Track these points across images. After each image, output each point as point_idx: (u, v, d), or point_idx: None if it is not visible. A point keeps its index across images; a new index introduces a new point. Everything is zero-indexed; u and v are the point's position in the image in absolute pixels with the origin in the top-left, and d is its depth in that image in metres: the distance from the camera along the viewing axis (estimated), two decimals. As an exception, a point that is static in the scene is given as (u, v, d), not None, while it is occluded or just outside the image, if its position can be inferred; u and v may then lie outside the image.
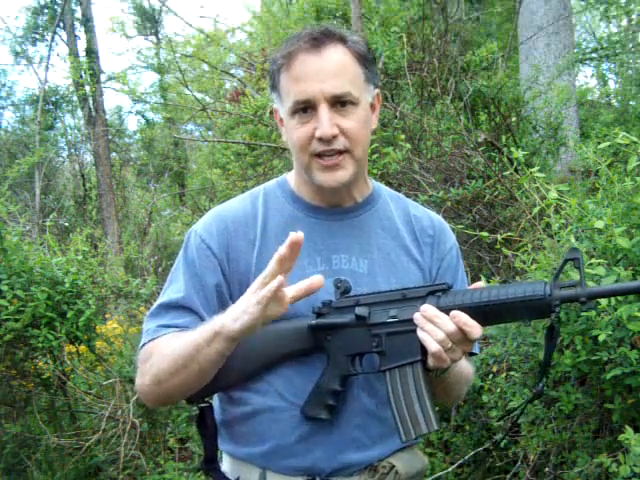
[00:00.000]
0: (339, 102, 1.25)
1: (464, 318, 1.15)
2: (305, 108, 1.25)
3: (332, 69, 1.25)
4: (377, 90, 1.37)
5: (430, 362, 1.19)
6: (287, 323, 1.28)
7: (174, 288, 1.34)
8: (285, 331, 1.29)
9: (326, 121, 1.23)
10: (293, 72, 1.26)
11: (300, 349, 1.28)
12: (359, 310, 1.24)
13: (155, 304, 1.36)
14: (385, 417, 1.31)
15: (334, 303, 1.28)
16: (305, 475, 1.29)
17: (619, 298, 1.96)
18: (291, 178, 1.42)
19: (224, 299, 1.32)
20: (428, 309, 1.17)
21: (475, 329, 1.15)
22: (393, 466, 1.32)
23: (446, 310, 1.17)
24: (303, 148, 1.27)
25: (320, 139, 1.24)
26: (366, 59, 1.31)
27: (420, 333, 1.18)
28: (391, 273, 1.36)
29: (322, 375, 1.27)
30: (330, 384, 1.26)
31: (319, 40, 1.26)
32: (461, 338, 1.15)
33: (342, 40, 1.28)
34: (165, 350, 1.26)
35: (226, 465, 1.39)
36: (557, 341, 1.20)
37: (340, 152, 1.26)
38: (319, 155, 1.26)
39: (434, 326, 1.16)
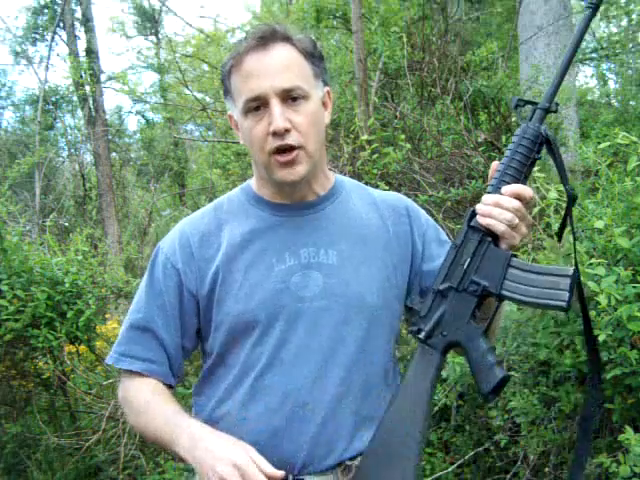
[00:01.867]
0: (290, 97, 1.26)
1: (511, 186, 1.23)
2: (257, 106, 1.27)
3: (280, 64, 1.27)
4: (327, 87, 1.38)
5: (502, 244, 1.25)
6: None
7: (136, 307, 1.38)
8: None
9: (278, 115, 1.24)
10: (242, 71, 1.28)
11: None
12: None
13: (124, 322, 1.40)
14: (355, 407, 1.31)
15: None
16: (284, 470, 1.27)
17: (619, 298, 1.96)
18: (253, 182, 1.43)
19: (192, 312, 1.36)
20: (489, 197, 1.24)
21: (526, 189, 1.22)
22: None
23: None
24: (260, 146, 1.28)
25: (274, 134, 1.25)
26: (313, 56, 1.33)
27: (486, 220, 1.23)
28: (360, 262, 1.36)
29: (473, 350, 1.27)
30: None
31: (265, 38, 1.28)
32: (523, 209, 1.22)
33: (287, 38, 1.30)
34: (133, 414, 1.35)
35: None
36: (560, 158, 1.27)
37: (293, 148, 1.27)
38: (276, 152, 1.27)
39: (500, 209, 1.21)
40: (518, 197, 1.22)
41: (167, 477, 3.27)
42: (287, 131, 1.25)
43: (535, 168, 2.51)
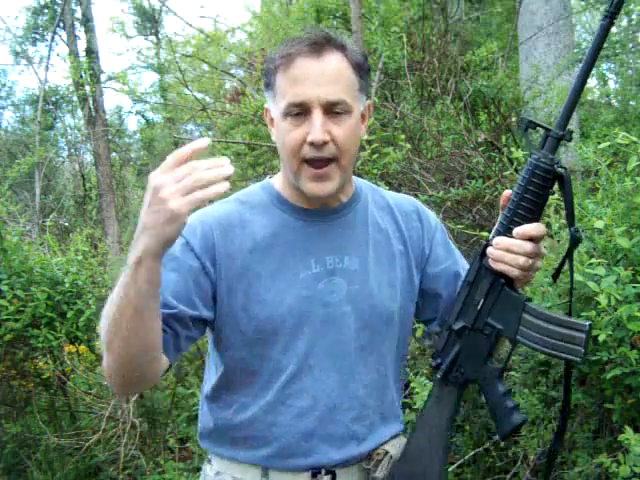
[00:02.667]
0: (333, 109, 1.25)
1: (524, 228, 1.19)
2: (299, 112, 1.25)
3: (330, 75, 1.25)
4: (369, 101, 1.38)
5: (517, 284, 1.25)
6: None
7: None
8: None
9: (319, 126, 1.23)
10: (291, 74, 1.25)
11: None
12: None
13: None
14: (376, 406, 1.37)
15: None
16: (310, 470, 1.32)
17: (619, 298, 1.96)
18: (276, 181, 1.40)
19: (204, 294, 1.28)
20: (500, 241, 1.21)
21: (539, 228, 1.19)
22: (387, 452, 1.36)
23: None
24: (294, 152, 1.26)
25: (311, 144, 1.24)
26: (362, 69, 1.31)
27: (499, 266, 1.21)
28: (378, 268, 1.38)
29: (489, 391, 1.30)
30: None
31: (320, 45, 1.26)
32: (536, 249, 1.20)
33: (342, 48, 1.28)
34: (105, 309, 1.16)
35: (217, 465, 1.39)
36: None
37: (328, 160, 1.26)
38: (309, 161, 1.26)
39: (513, 254, 1.19)
40: (531, 238, 1.19)
41: (167, 477, 3.27)
42: (325, 143, 1.24)
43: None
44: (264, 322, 1.29)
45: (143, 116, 12.79)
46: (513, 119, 4.30)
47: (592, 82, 11.57)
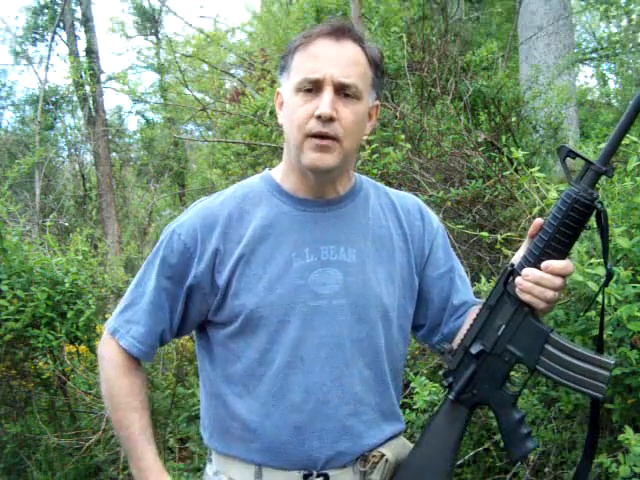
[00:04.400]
0: (344, 92, 1.27)
1: (556, 264, 1.18)
2: (311, 88, 1.27)
3: (347, 58, 1.28)
4: (378, 102, 1.39)
5: (539, 314, 1.25)
6: None
7: (140, 287, 1.40)
8: None
9: (328, 102, 1.25)
10: (309, 51, 1.29)
11: None
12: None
13: (125, 298, 1.44)
14: (375, 403, 1.35)
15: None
16: (302, 469, 1.31)
17: (619, 298, 1.96)
18: (275, 173, 1.42)
19: (199, 302, 1.35)
20: (530, 273, 1.20)
21: (569, 267, 1.19)
22: (383, 455, 1.34)
23: None
24: (300, 126, 1.28)
25: (319, 117, 1.25)
26: (377, 67, 1.34)
27: (526, 297, 1.21)
28: (377, 262, 1.37)
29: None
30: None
31: (340, 31, 1.30)
32: (564, 284, 1.20)
33: (360, 40, 1.32)
34: (117, 415, 1.39)
35: (216, 464, 1.40)
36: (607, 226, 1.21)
37: (331, 137, 1.27)
38: (314, 135, 1.27)
39: (541, 287, 1.19)
40: (560, 274, 1.19)
41: (167, 477, 3.27)
42: (331, 120, 1.26)
43: (535, 168, 2.51)
44: (253, 310, 1.29)
45: (143, 116, 12.82)
46: (513, 119, 4.29)
47: (592, 82, 11.58)
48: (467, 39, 6.92)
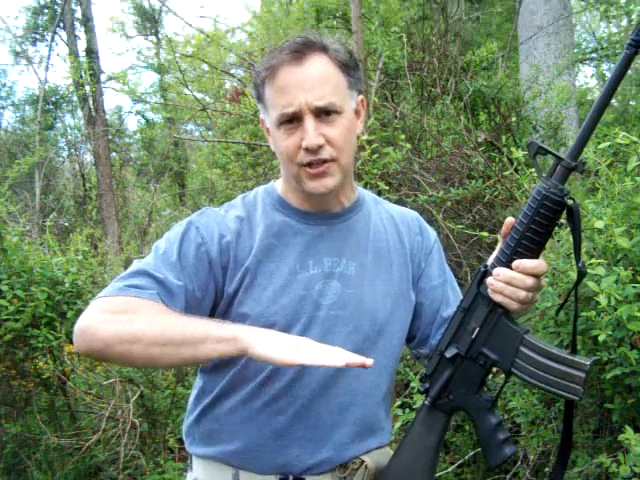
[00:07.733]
0: (324, 112, 1.26)
1: (527, 263, 1.15)
2: (291, 119, 1.26)
3: (314, 79, 1.26)
4: (361, 96, 1.38)
5: (514, 315, 1.22)
6: None
7: (154, 265, 1.27)
8: None
9: (312, 132, 1.24)
10: (277, 85, 1.27)
11: None
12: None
13: (134, 267, 1.29)
14: (363, 416, 1.34)
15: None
16: (278, 474, 1.30)
17: (619, 298, 1.96)
18: (279, 185, 1.42)
19: (197, 303, 1.28)
20: (501, 272, 1.17)
21: (541, 266, 1.16)
22: (363, 461, 1.34)
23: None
24: (291, 159, 1.28)
25: (307, 149, 1.25)
26: (348, 66, 1.31)
27: (498, 297, 1.18)
28: (375, 275, 1.38)
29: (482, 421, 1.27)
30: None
31: (301, 52, 1.26)
32: (537, 284, 1.17)
33: (323, 49, 1.29)
34: (158, 317, 1.17)
35: (196, 471, 1.39)
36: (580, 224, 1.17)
37: (326, 161, 1.27)
38: (307, 165, 1.27)
39: (513, 287, 1.16)
40: (532, 274, 1.16)
41: (167, 477, 3.27)
42: (320, 147, 1.25)
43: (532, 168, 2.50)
44: (255, 318, 1.29)
45: (143, 116, 12.81)
46: (513, 119, 4.30)
47: (592, 82, 11.57)
48: (467, 39, 6.92)
